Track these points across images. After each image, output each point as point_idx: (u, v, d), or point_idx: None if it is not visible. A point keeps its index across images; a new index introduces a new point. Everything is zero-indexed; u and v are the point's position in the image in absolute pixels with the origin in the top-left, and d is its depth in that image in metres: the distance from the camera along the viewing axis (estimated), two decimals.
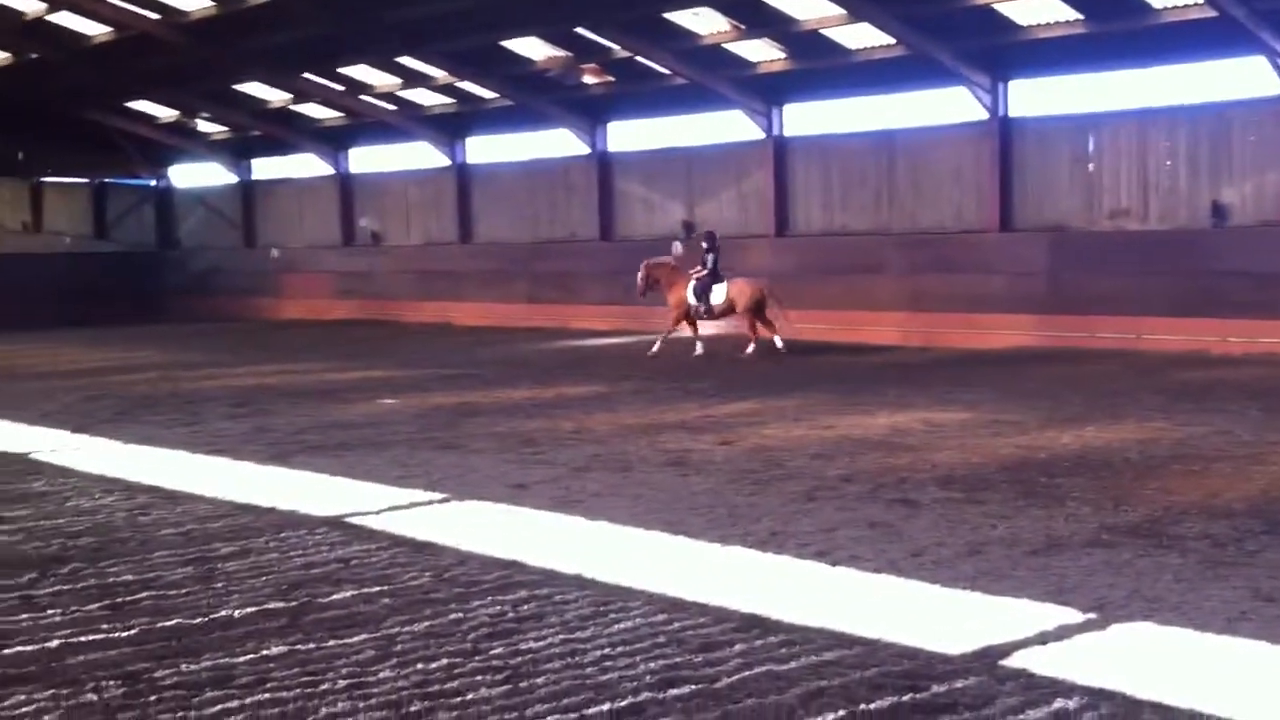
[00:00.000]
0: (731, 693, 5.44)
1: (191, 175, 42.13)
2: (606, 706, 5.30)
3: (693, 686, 5.53)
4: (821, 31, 24.38)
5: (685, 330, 22.85)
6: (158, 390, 18.19)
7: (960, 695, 5.38)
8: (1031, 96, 24.32)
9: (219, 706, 5.40)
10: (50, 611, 6.96)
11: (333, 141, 36.35)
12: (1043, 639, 6.10)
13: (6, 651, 6.26)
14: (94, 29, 30.62)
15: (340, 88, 32.54)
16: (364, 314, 35.01)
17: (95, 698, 5.60)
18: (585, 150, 31.04)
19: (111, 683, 5.78)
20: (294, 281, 37.84)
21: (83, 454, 12.43)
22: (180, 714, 5.34)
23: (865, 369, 19.83)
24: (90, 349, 26.68)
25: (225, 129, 38.21)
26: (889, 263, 25.53)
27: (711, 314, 22.50)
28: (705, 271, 22.27)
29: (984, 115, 24.22)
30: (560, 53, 28.13)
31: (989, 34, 22.98)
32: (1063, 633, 6.20)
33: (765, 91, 27.15)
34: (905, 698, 5.34)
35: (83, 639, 6.45)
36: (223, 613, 6.85)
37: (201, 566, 7.88)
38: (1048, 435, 12.53)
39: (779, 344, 21.81)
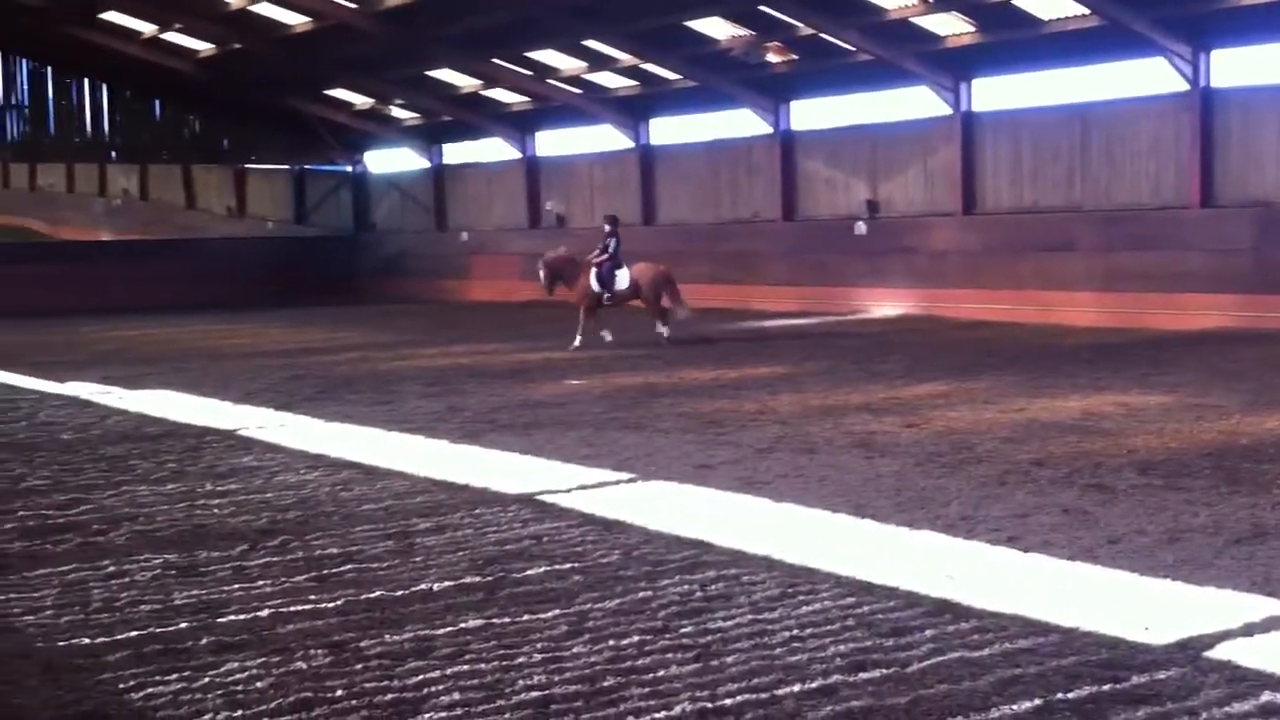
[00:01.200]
0: (923, 678, 5.41)
1: (385, 161, 43.41)
2: (796, 687, 5.33)
3: (883, 670, 5.51)
4: (1012, 2, 23.76)
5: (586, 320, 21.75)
6: (355, 370, 18.84)
7: (1162, 686, 5.24)
8: (1235, 66, 23.29)
9: (421, 676, 5.60)
10: (261, 582, 7.31)
11: (520, 125, 36.96)
12: (1248, 631, 5.89)
13: (221, 620, 6.60)
14: (294, 19, 31.76)
15: (528, 72, 33.07)
16: (547, 296, 35.49)
17: (304, 665, 5.87)
18: (768, 129, 30.91)
19: (319, 651, 6.05)
20: (482, 263, 38.66)
21: (287, 431, 12.96)
22: (385, 682, 5.56)
23: (1057, 351, 19.32)
24: (291, 330, 27.75)
25: (417, 115, 39.20)
26: (1081, 240, 24.79)
27: (615, 300, 21.82)
28: (606, 257, 21.67)
29: (1184, 86, 23.28)
30: (743, 31, 28.04)
31: (1189, 1, 22.06)
32: (1270, 625, 5.98)
33: (952, 66, 26.60)
34: (1104, 687, 5.23)
35: (292, 609, 6.76)
36: (422, 586, 7.09)
37: (401, 541, 8.16)
38: (1252, 420, 12.04)
39: (665, 332, 21.42)
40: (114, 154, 42.14)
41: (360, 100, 39.21)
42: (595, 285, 21.56)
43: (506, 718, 5.10)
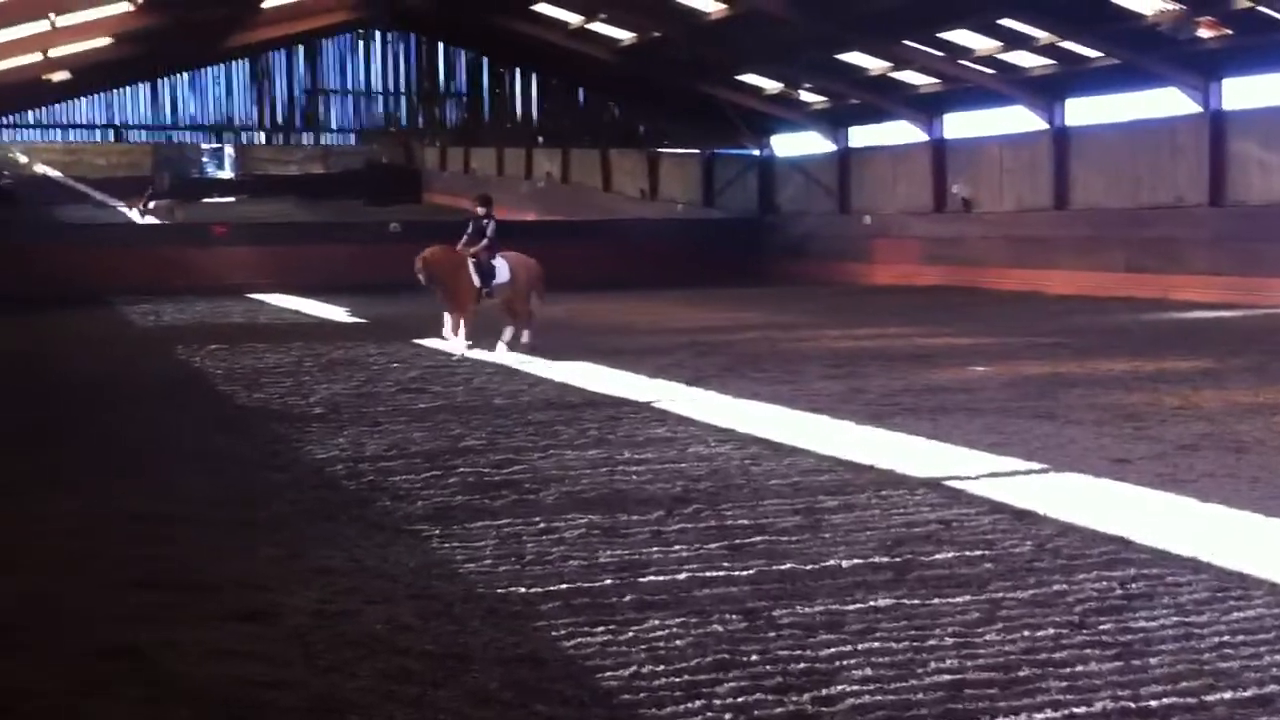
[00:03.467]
0: None
1: (791, 144, 43.87)
2: (1228, 695, 5.07)
3: None
4: None
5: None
6: (760, 349, 19.21)
7: None
8: None
9: (833, 649, 5.71)
10: (677, 547, 7.64)
11: (927, 107, 36.43)
12: None
13: (642, 580, 6.96)
14: (711, 6, 32.56)
15: (939, 53, 32.53)
16: (952, 280, 34.93)
17: (720, 629, 6.10)
18: (1196, 109, 29.05)
19: (734, 616, 6.27)
20: (884, 247, 38.42)
21: (697, 405, 13.41)
22: (798, 652, 5.71)
23: None
24: (698, 308, 28.58)
25: (824, 99, 39.37)
26: None
27: (492, 295, 18.29)
28: (485, 245, 18.22)
29: None
30: (1173, 6, 26.46)
31: None
32: None
33: None
34: None
35: (706, 574, 7.03)
36: (830, 562, 7.21)
37: (809, 517, 8.31)
38: None
39: (524, 338, 18.34)
40: (540, 139, 44.71)
41: (769, 85, 39.76)
42: (476, 280, 18.02)
43: (919, 697, 5.13)
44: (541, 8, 36.25)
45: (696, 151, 45.63)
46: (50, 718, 5.14)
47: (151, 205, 47.56)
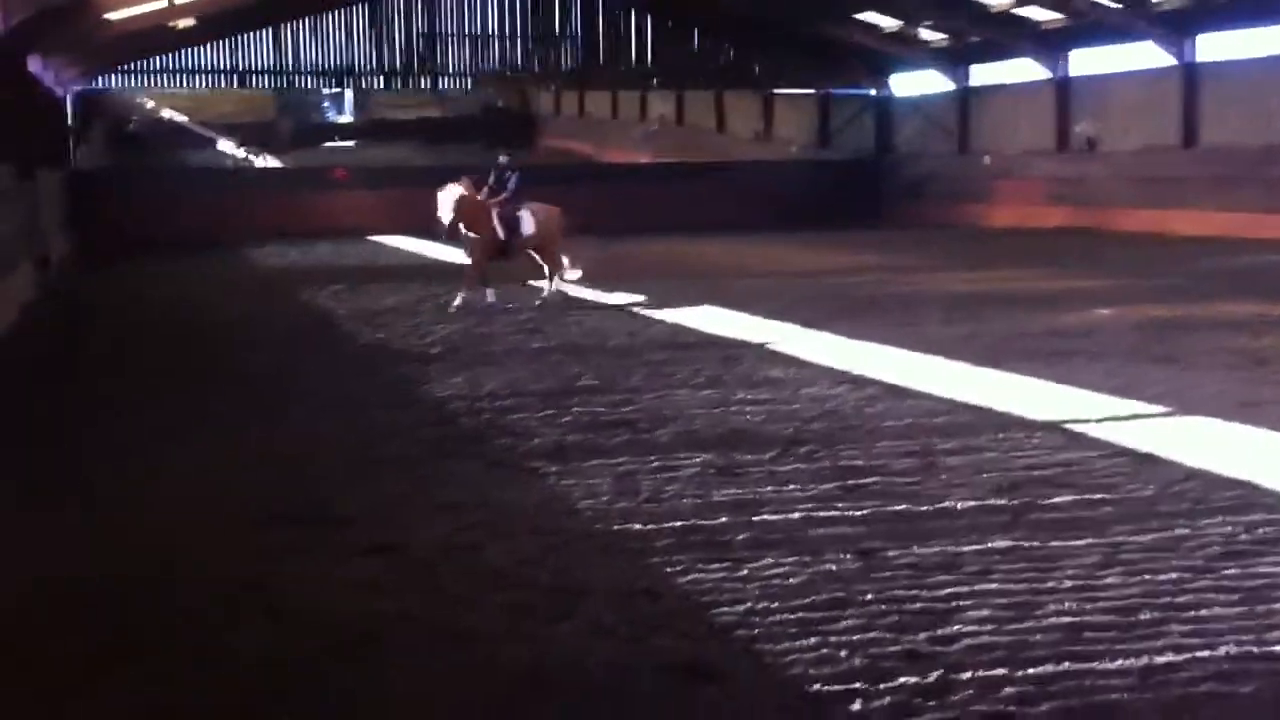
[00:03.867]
0: None
1: (909, 84, 43.10)
2: None
3: None
4: None
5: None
6: (876, 292, 19.04)
7: None
8: None
9: (949, 590, 5.72)
10: (790, 486, 7.67)
11: (1051, 44, 35.53)
12: None
13: (756, 519, 7.01)
14: None
15: None
16: (1076, 221, 34.15)
17: (834, 568, 6.14)
18: None
19: (847, 555, 6.31)
20: (1005, 188, 37.69)
21: (812, 347, 13.37)
22: (914, 591, 5.72)
23: None
24: (813, 251, 28.38)
25: (944, 36, 38.59)
26: None
27: (520, 249, 17.64)
28: (506, 197, 17.48)
29: None
30: None
31: None
32: None
33: None
34: None
35: (820, 514, 7.06)
36: (946, 503, 7.19)
37: (924, 458, 8.28)
38: None
39: (553, 287, 17.73)
40: (654, 81, 44.51)
41: (888, 23, 39.07)
42: (500, 232, 17.36)
43: (1038, 638, 5.12)
44: None
45: (812, 92, 45.09)
46: (190, 648, 5.37)
47: (243, 152, 48.70)
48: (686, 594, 5.82)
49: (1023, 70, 37.41)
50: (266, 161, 47.18)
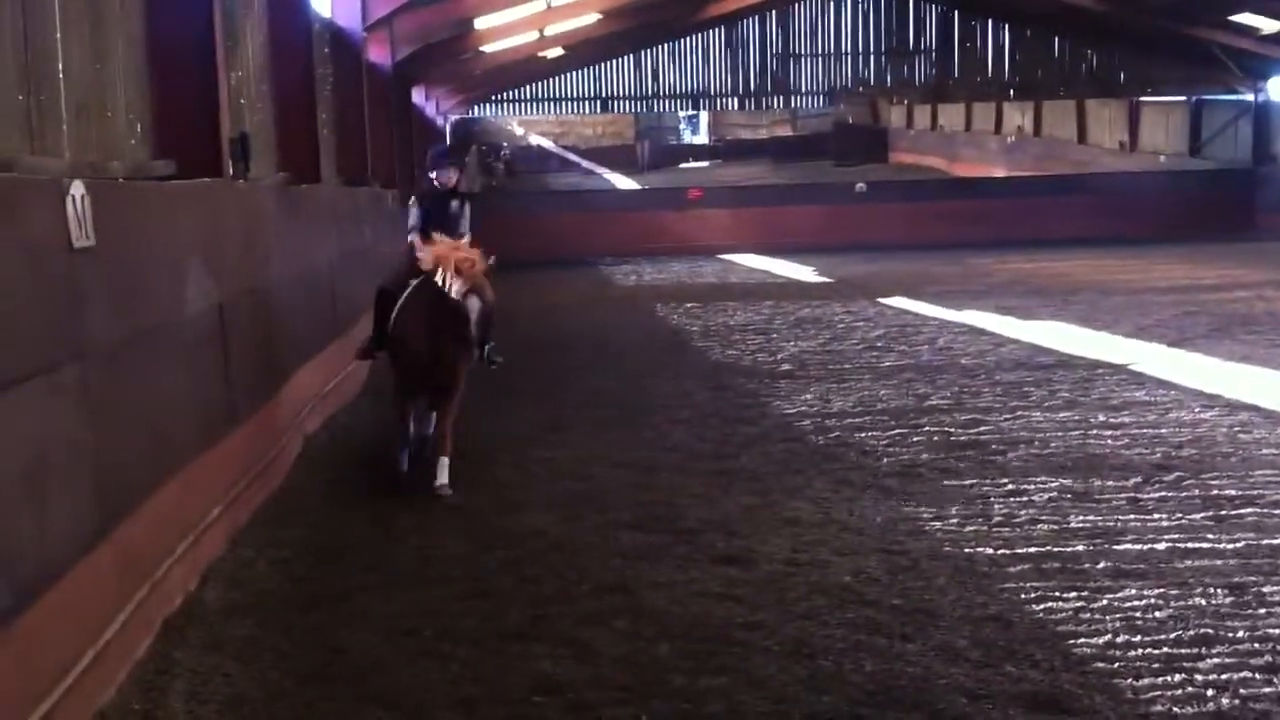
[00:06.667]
0: None
1: None
2: None
3: None
4: None
5: None
6: (1252, 309, 17.82)
7: None
8: None
9: None
10: (1156, 515, 7.34)
11: None
12: None
13: (1117, 547, 6.74)
14: None
15: None
16: None
17: (1203, 602, 5.84)
18: None
19: (1219, 590, 5.98)
20: None
21: (1179, 367, 12.66)
22: None
23: None
24: (1182, 265, 26.83)
25: None
26: None
27: None
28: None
29: None
30: None
31: None
32: None
33: None
34: None
35: (1189, 545, 6.72)
36: None
37: None
38: None
39: None
40: (1011, 92, 43.30)
41: (1267, 24, 36.48)
42: None
43: None
44: None
45: (1182, 99, 42.65)
46: (556, 641, 5.69)
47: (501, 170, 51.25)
48: (1040, 622, 5.68)
49: None
50: (626, 182, 48.87)
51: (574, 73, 40.45)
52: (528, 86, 40.39)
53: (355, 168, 16.03)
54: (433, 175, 9.44)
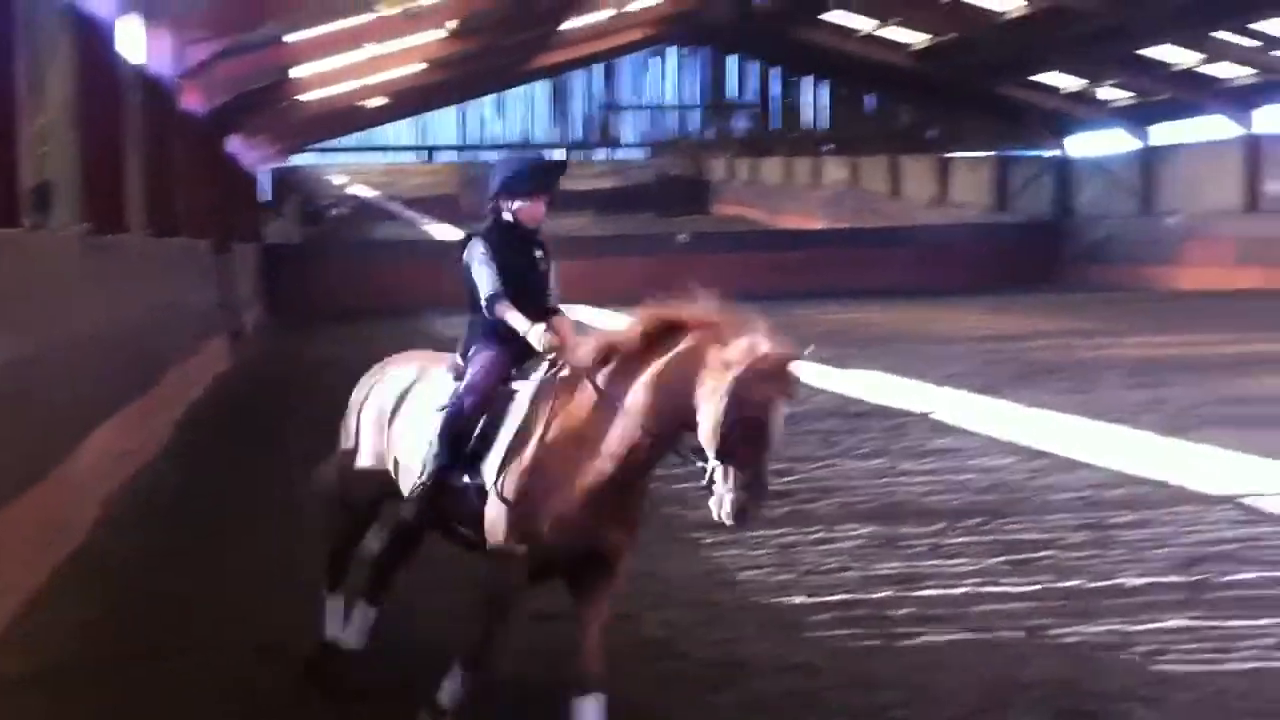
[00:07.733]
0: None
1: (1088, 144, 42.15)
2: None
3: None
4: None
5: None
6: (1055, 357, 18.59)
7: None
8: None
9: (1120, 671, 5.56)
10: (957, 560, 7.56)
11: (1240, 101, 34.37)
12: None
13: (920, 593, 6.92)
14: (1010, 4, 31.49)
15: (1255, 43, 30.67)
16: (1271, 283, 32.75)
17: (1001, 645, 6.02)
18: None
19: (1015, 633, 6.18)
20: (1192, 249, 36.43)
21: (985, 415, 13.12)
22: (1082, 674, 5.58)
23: None
24: (990, 315, 27.86)
25: (1127, 95, 37.72)
26: None
27: None
28: None
29: None
30: None
31: None
32: None
33: None
34: None
35: (987, 589, 6.94)
36: (1119, 580, 6.99)
37: (1098, 533, 8.06)
38: None
39: None
40: (829, 146, 44.58)
41: (1068, 83, 38.38)
42: None
43: None
44: (835, 15, 36.13)
45: (989, 154, 44.51)
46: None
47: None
48: (844, 669, 5.78)
49: (1209, 127, 36.27)
50: (452, 233, 48.67)
51: (397, 123, 40.19)
52: (351, 136, 39.97)
53: (166, 218, 15.61)
54: (513, 206, 5.64)
